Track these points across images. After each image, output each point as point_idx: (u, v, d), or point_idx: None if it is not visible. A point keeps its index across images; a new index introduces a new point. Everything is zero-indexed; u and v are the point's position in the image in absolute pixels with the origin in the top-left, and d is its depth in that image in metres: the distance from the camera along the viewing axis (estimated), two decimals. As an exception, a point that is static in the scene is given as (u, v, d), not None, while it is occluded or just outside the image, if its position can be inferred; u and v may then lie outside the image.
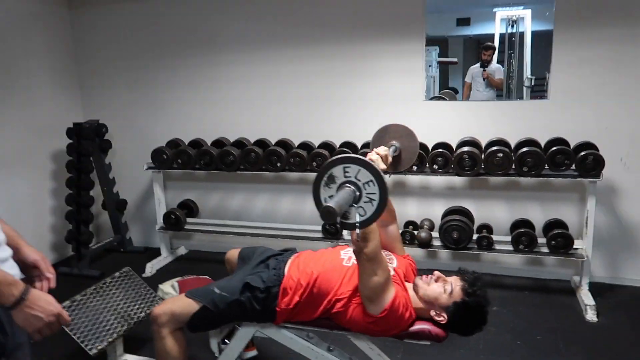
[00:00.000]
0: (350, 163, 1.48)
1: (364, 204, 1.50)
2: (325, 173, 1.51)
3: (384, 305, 1.75)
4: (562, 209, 3.36)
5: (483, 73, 3.39)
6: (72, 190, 3.83)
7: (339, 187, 1.51)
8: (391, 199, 3.67)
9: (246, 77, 3.85)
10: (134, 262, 3.95)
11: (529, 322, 2.95)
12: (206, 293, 2.01)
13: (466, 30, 3.50)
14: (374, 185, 1.48)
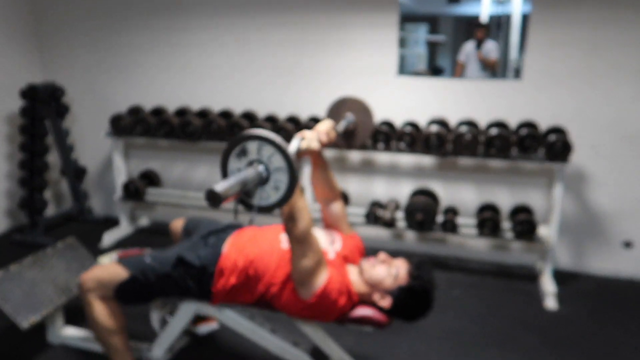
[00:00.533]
0: (266, 143, 1.38)
1: (269, 189, 1.42)
2: (238, 144, 1.41)
3: (314, 290, 1.65)
4: (531, 194, 3.28)
5: (478, 54, 3.20)
6: (26, 155, 3.65)
7: (249, 164, 1.41)
8: (359, 176, 3.58)
9: (212, 44, 3.66)
10: (93, 232, 3.83)
11: (489, 307, 2.89)
12: (137, 262, 1.90)
13: (457, 8, 3.34)
14: (285, 173, 1.39)
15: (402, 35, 3.31)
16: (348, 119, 2.10)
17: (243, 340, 2.20)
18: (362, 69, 3.40)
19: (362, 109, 2.13)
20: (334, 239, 1.93)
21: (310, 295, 1.65)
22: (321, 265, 1.66)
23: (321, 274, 1.65)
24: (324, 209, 2.02)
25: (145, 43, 3.80)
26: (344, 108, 2.13)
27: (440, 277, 3.19)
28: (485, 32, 3.20)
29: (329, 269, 1.69)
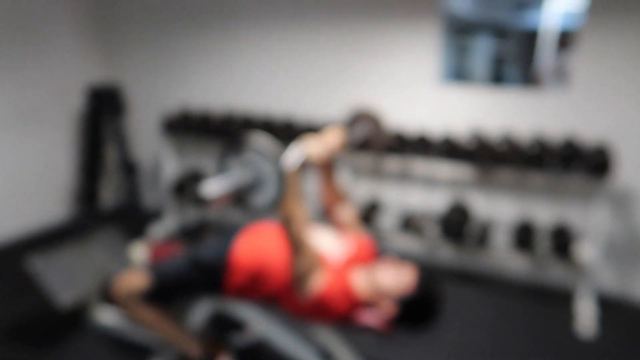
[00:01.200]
0: (260, 151, 1.49)
1: (262, 191, 1.52)
2: (236, 146, 1.52)
3: (309, 293, 1.69)
4: (573, 212, 3.13)
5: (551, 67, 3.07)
6: (85, 149, 3.95)
7: (246, 166, 1.52)
8: (395, 185, 3.57)
9: (258, 47, 3.80)
10: (142, 224, 4.06)
11: (517, 327, 2.79)
12: (157, 267, 2.03)
13: (524, 16, 3.27)
14: (275, 179, 1.49)
15: (463, 44, 3.27)
16: (362, 130, 2.14)
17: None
18: (402, 76, 3.40)
19: (378, 121, 2.17)
20: (342, 241, 1.95)
21: (305, 297, 1.69)
22: (315, 269, 1.69)
23: (315, 278, 1.69)
24: (332, 212, 2.06)
25: (197, 45, 4.00)
26: (360, 118, 2.18)
27: (470, 292, 3.15)
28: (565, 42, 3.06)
29: (327, 273, 1.72)
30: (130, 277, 2.04)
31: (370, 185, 3.64)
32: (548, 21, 3.12)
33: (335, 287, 1.72)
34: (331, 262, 1.81)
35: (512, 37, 3.29)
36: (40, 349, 2.45)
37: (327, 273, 1.73)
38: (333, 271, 1.77)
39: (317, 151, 1.78)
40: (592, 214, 3.01)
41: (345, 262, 1.86)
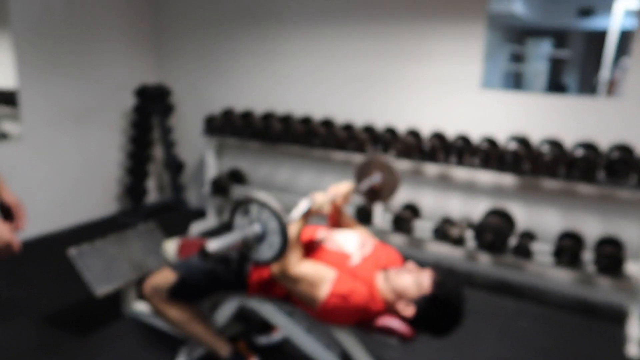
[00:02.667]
0: (265, 208, 1.59)
1: (265, 247, 1.62)
2: (242, 204, 1.65)
3: (318, 302, 1.70)
4: (623, 226, 2.94)
5: (618, 76, 2.92)
6: (134, 147, 4.12)
7: (252, 222, 1.63)
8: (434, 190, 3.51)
9: (301, 52, 3.84)
10: (184, 221, 4.19)
11: (558, 344, 2.64)
12: (185, 264, 2.07)
13: (588, 22, 3.14)
14: (278, 236, 1.58)
15: (521, 50, 3.18)
16: (373, 178, 2.28)
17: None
18: (444, 80, 3.33)
19: (389, 168, 2.28)
20: (365, 242, 1.93)
21: (316, 307, 1.70)
22: (319, 282, 1.70)
23: (323, 287, 1.70)
24: None
25: (242, 50, 4.09)
26: (372, 166, 2.32)
27: (509, 305, 3.03)
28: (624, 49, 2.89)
29: (337, 277, 1.71)
30: (159, 275, 2.10)
31: (409, 191, 3.58)
32: (611, 27, 2.95)
33: (345, 288, 1.70)
34: (346, 263, 1.79)
35: (572, 44, 3.15)
36: (79, 332, 2.57)
37: (335, 277, 1.71)
38: (352, 272, 1.75)
39: (321, 201, 1.86)
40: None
41: (368, 262, 1.84)
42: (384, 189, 2.31)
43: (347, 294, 1.68)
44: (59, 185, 3.94)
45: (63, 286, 3.05)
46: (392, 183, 2.29)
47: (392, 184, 2.29)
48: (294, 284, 1.73)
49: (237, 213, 1.66)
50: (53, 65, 3.75)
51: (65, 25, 3.78)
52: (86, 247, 2.63)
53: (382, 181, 2.29)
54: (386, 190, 2.31)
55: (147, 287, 2.10)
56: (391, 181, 2.29)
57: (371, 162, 2.33)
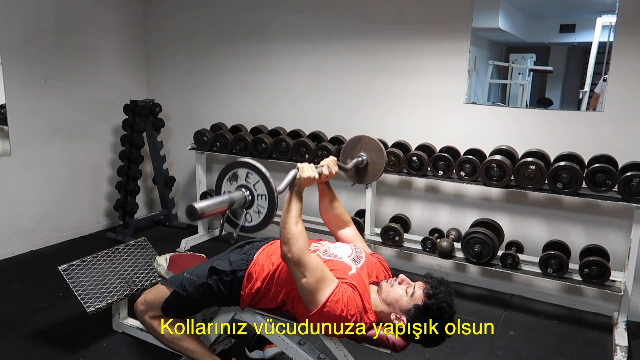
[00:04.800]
0: (253, 171, 1.58)
1: (252, 212, 1.61)
2: (230, 170, 1.63)
3: (317, 304, 1.69)
4: (607, 236, 3.01)
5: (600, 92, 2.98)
6: (124, 163, 4.13)
7: (237, 188, 1.62)
8: (423, 203, 3.54)
9: (288, 67, 3.90)
10: (174, 237, 4.19)
11: (546, 353, 2.68)
12: (177, 278, 2.08)
13: (570, 37, 3.23)
14: (266, 200, 1.58)
15: (505, 65, 3.26)
16: (360, 157, 2.25)
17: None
18: (429, 95, 3.40)
19: (377, 149, 2.25)
20: (358, 254, 1.96)
21: (313, 308, 1.70)
22: (324, 282, 1.70)
23: (325, 289, 1.70)
24: (335, 234, 2.12)
25: (231, 66, 4.14)
26: (360, 145, 2.29)
27: (498, 314, 3.07)
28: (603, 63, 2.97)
29: (338, 284, 1.73)
30: (152, 290, 2.10)
31: (398, 203, 3.62)
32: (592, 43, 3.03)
33: (344, 297, 1.71)
34: (346, 272, 1.82)
35: (555, 59, 3.24)
36: (70, 349, 2.55)
37: (339, 283, 1.73)
38: (350, 281, 1.77)
39: (307, 171, 1.82)
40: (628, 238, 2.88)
41: (363, 273, 1.87)
42: (370, 170, 2.26)
43: (345, 303, 1.70)
44: (48, 201, 3.93)
45: (53, 302, 3.03)
46: (379, 165, 2.25)
47: (378, 165, 2.25)
48: (300, 268, 1.69)
49: (225, 179, 1.64)
50: (42, 81, 3.77)
51: (54, 41, 3.81)
52: (77, 263, 2.63)
53: (369, 162, 2.25)
54: (372, 171, 2.26)
55: (139, 303, 2.10)
56: (377, 162, 2.25)
57: (358, 141, 2.28)
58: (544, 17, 3.23)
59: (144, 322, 2.10)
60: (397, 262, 3.65)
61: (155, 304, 2.06)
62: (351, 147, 2.31)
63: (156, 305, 2.05)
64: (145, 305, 2.08)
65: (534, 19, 3.22)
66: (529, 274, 2.96)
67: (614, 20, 2.88)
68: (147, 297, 2.09)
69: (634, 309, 2.99)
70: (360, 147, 2.28)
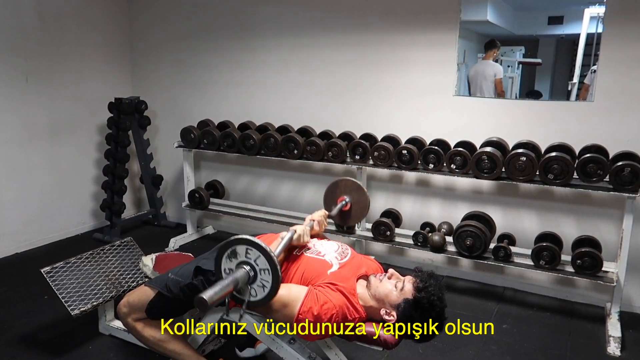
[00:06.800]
0: (252, 247, 1.56)
1: (256, 287, 1.59)
2: (229, 247, 1.61)
3: (291, 319, 1.69)
4: (599, 226, 2.99)
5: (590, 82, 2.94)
6: (109, 162, 4.05)
7: (238, 265, 1.59)
8: (414, 197, 3.53)
9: (277, 63, 3.84)
10: (163, 236, 4.12)
11: (539, 345, 2.66)
12: (161, 279, 2.02)
13: (558, 29, 3.20)
14: (269, 274, 1.55)
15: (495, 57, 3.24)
16: (342, 202, 2.33)
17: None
18: (419, 88, 3.36)
19: (356, 188, 2.33)
20: (344, 250, 1.92)
21: (292, 326, 1.71)
22: (290, 302, 1.68)
23: (293, 307, 1.68)
24: None
25: (219, 62, 4.07)
26: (338, 190, 2.37)
27: (491, 307, 3.04)
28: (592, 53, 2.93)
29: (307, 292, 1.69)
30: (135, 292, 2.05)
31: (388, 198, 3.59)
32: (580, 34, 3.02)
33: (321, 297, 1.68)
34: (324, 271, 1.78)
35: (543, 51, 3.22)
36: (55, 353, 2.49)
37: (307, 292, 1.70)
38: (321, 284, 1.74)
39: (301, 232, 1.89)
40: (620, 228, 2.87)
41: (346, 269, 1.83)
42: (354, 210, 2.35)
43: (320, 306, 1.65)
44: (31, 202, 3.85)
45: (38, 305, 2.96)
46: (362, 203, 2.33)
47: (362, 204, 2.34)
48: (267, 309, 1.70)
49: (224, 257, 1.63)
50: (23, 80, 3.68)
51: (35, 38, 3.72)
52: (60, 265, 2.56)
53: (352, 203, 2.34)
54: (357, 210, 2.35)
55: (122, 305, 2.04)
56: (361, 201, 2.33)
57: (337, 186, 2.36)
58: (532, 9, 3.21)
59: (127, 325, 2.05)
60: (388, 257, 3.62)
61: (139, 306, 2.00)
62: (331, 195, 2.39)
63: (140, 307, 2.00)
64: (128, 308, 2.02)
65: (522, 11, 3.20)
66: (521, 266, 2.94)
67: (601, 11, 2.86)
68: (130, 299, 2.03)
69: (627, 299, 2.98)
70: (340, 191, 2.36)
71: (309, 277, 1.78)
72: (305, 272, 1.80)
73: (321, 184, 3.79)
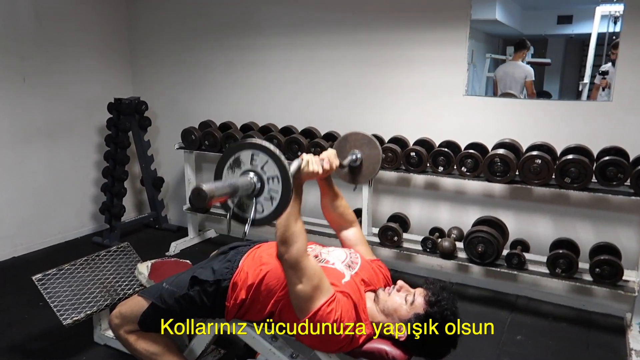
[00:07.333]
0: (259, 150, 1.30)
1: (263, 200, 1.31)
2: (231, 155, 1.33)
3: (309, 312, 1.53)
4: (618, 233, 2.85)
5: (602, 82, 2.81)
6: (109, 164, 3.95)
7: (242, 174, 1.33)
8: (422, 201, 3.37)
9: (281, 61, 3.71)
10: (165, 240, 4.01)
11: (554, 357, 2.52)
12: (156, 289, 1.89)
13: (568, 28, 3.09)
14: (279, 182, 1.28)
15: (502, 58, 3.12)
16: (353, 154, 2.03)
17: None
18: (427, 88, 3.23)
19: (367, 142, 2.04)
20: (353, 260, 1.80)
21: (304, 314, 1.54)
22: (320, 290, 1.53)
23: (320, 298, 1.53)
24: (338, 235, 1.95)
25: (221, 62, 3.96)
26: (348, 144, 2.07)
27: (503, 317, 2.91)
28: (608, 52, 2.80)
29: (334, 293, 1.56)
30: (128, 302, 1.93)
31: (394, 201, 3.46)
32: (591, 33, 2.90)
33: (339, 305, 1.55)
34: (339, 280, 1.65)
35: (552, 51, 3.11)
36: None
37: (334, 292, 1.56)
38: (344, 289, 1.61)
39: (313, 163, 1.63)
40: None
41: (358, 281, 1.70)
42: (365, 166, 2.06)
43: (339, 314, 1.53)
44: (29, 205, 3.75)
45: (32, 312, 2.86)
46: (374, 157, 2.05)
47: (374, 159, 2.05)
48: (297, 273, 1.51)
49: (226, 168, 1.35)
50: (20, 80, 3.59)
51: (32, 37, 3.63)
52: (53, 272, 2.45)
53: (363, 158, 2.05)
54: (368, 166, 2.06)
55: (113, 317, 1.92)
56: (372, 155, 2.05)
57: (345, 141, 2.08)
58: (541, 8, 3.11)
59: (119, 337, 1.92)
60: (396, 263, 3.49)
61: (132, 318, 1.88)
62: (339, 150, 2.08)
63: (132, 319, 1.88)
64: (120, 319, 1.90)
65: (530, 10, 3.11)
66: (536, 274, 2.80)
67: (615, 9, 2.74)
68: (122, 310, 1.91)
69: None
70: (349, 147, 2.07)
71: None
72: None
73: (326, 187, 3.66)
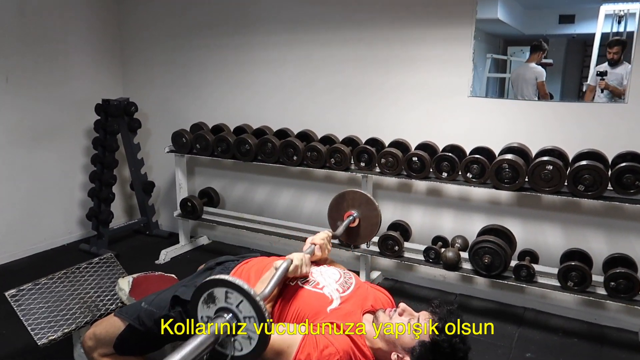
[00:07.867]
0: (232, 289, 1.20)
1: (241, 338, 1.22)
2: (205, 290, 1.24)
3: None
4: (634, 243, 2.68)
5: (600, 83, 2.68)
6: (96, 168, 3.78)
7: (217, 312, 1.23)
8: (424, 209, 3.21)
9: (277, 61, 3.54)
10: (154, 247, 3.84)
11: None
12: (133, 309, 1.73)
13: (569, 28, 2.94)
14: (257, 323, 1.18)
15: (504, 58, 2.97)
16: (349, 218, 2.02)
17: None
18: (430, 89, 3.06)
19: (365, 202, 2.02)
20: (347, 280, 1.64)
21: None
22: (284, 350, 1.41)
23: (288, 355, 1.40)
24: None
25: (215, 62, 3.79)
26: (345, 203, 2.06)
27: (511, 332, 2.74)
28: (620, 51, 2.65)
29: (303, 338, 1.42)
30: (103, 323, 1.76)
31: (395, 208, 3.29)
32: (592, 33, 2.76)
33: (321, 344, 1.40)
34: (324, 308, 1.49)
35: (554, 51, 2.96)
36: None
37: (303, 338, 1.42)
38: (329, 316, 1.47)
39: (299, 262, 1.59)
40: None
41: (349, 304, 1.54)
42: (363, 227, 2.05)
43: (319, 352, 1.38)
44: (13, 210, 3.58)
45: (12, 328, 2.66)
46: (373, 219, 2.02)
47: (372, 220, 2.03)
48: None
49: (200, 302, 1.28)
50: (2, 80, 3.41)
51: (16, 35, 3.45)
52: (29, 286, 2.28)
53: (360, 218, 2.04)
54: (366, 227, 2.05)
55: (87, 338, 1.75)
56: (371, 217, 2.03)
57: (342, 200, 2.06)
58: (543, 7, 2.97)
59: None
60: (396, 273, 3.31)
61: (107, 340, 1.71)
62: (336, 208, 2.09)
63: (107, 341, 1.71)
64: (94, 341, 1.73)
65: (532, 9, 2.97)
66: (546, 287, 2.63)
67: (619, 8, 2.61)
68: (96, 331, 1.74)
69: (664, 324, 2.67)
70: (347, 205, 2.05)
71: (305, 315, 1.50)
72: (300, 309, 1.51)
73: (323, 193, 3.50)
